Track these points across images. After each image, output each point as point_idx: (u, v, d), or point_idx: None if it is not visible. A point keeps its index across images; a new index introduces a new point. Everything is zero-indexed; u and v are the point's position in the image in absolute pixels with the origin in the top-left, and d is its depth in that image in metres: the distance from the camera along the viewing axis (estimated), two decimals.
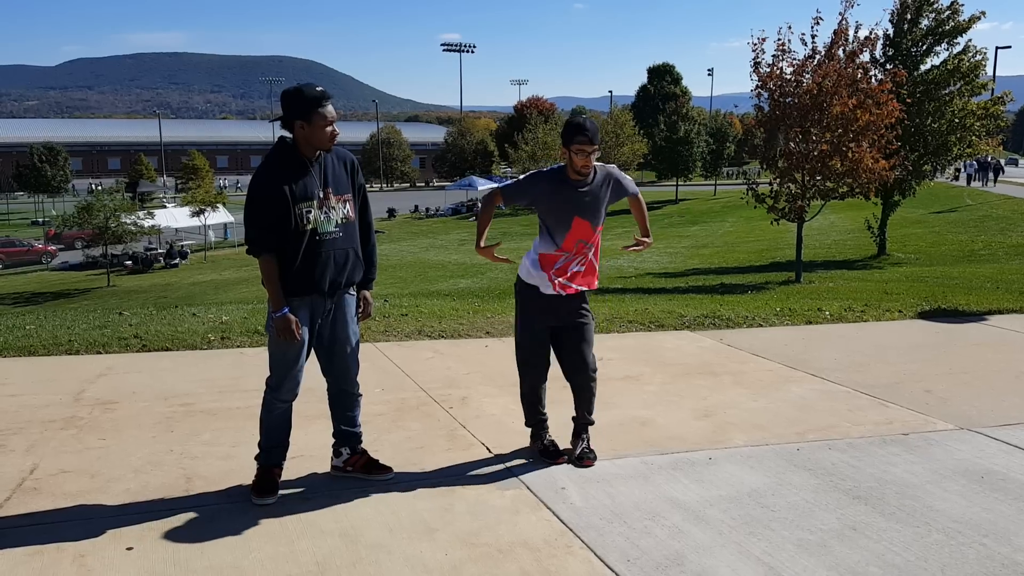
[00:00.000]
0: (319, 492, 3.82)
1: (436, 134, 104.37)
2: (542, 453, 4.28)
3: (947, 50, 20.55)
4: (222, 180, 71.60)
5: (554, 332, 4.23)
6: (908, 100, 17.66)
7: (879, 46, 18.38)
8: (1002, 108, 21.30)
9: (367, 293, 4.01)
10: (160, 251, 39.29)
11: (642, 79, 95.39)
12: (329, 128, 3.61)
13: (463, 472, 4.10)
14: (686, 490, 3.91)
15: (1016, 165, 69.67)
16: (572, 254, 4.10)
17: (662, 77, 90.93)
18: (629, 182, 4.30)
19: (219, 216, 43.21)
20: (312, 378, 3.90)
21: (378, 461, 4.03)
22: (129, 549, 3.25)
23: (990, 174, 44.66)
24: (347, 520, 3.54)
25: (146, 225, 35.04)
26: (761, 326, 8.03)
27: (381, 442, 4.43)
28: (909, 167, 19.01)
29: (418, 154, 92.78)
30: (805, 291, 12.55)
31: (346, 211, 3.75)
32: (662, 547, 3.34)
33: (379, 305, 8.55)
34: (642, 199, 4.43)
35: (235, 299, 18.59)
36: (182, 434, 4.57)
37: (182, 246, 39.97)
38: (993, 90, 21.52)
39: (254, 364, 5.88)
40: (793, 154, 14.76)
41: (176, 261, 37.84)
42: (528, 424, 4.38)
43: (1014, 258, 20.20)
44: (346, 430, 4.00)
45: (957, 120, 20.00)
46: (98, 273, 35.01)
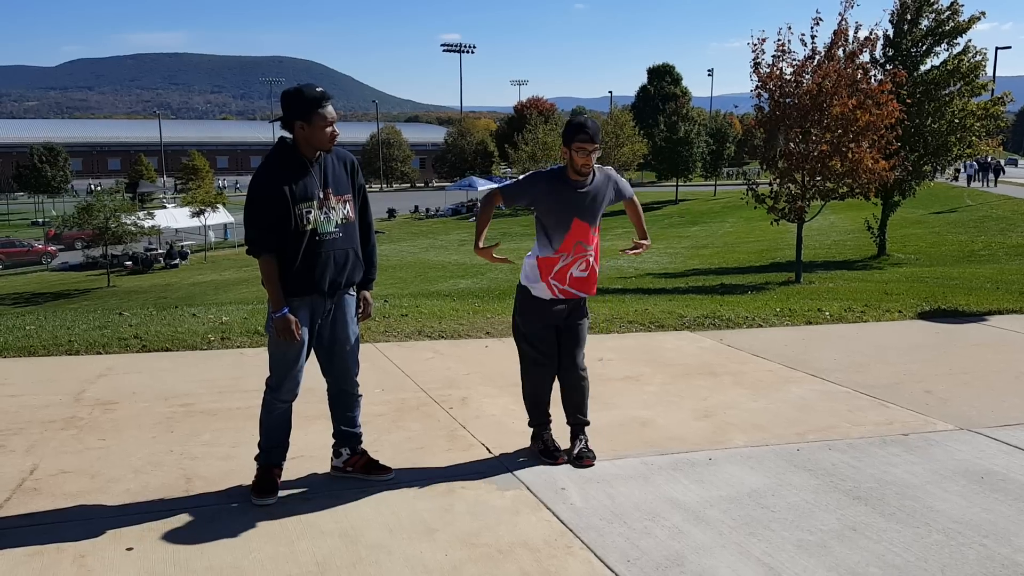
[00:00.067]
0: (319, 492, 3.82)
1: (436, 134, 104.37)
2: (542, 453, 4.28)
3: (947, 50, 20.55)
4: (222, 180, 71.59)
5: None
6: (908, 100, 17.65)
7: (879, 46, 18.36)
8: (1002, 108, 21.29)
9: (367, 293, 4.01)
10: (160, 251, 39.30)
11: (642, 79, 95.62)
12: (329, 129, 3.61)
13: (463, 472, 4.10)
14: (686, 490, 3.91)
15: (1016, 165, 69.63)
16: (570, 256, 4.10)
17: (662, 77, 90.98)
18: (625, 184, 4.32)
19: (219, 216, 43.24)
20: (312, 378, 3.90)
21: (378, 461, 4.03)
22: (129, 549, 3.25)
23: (990, 175, 44.63)
24: (347, 520, 3.54)
25: (146, 225, 35.07)
26: (761, 326, 8.03)
27: (381, 442, 4.43)
28: (909, 167, 19.00)
29: (418, 154, 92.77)
30: (805, 291, 12.55)
31: (346, 211, 3.75)
32: (662, 547, 3.34)
33: (379, 305, 8.56)
34: (638, 201, 4.44)
35: (235, 299, 18.60)
36: (182, 434, 4.57)
37: (182, 246, 39.98)
38: (993, 90, 21.52)
39: (254, 364, 5.88)
40: (793, 154, 14.76)
41: (176, 261, 37.84)
42: (532, 424, 4.37)
43: (1014, 258, 20.18)
44: (346, 430, 4.01)
45: (957, 120, 19.99)
46: (98, 273, 35.01)
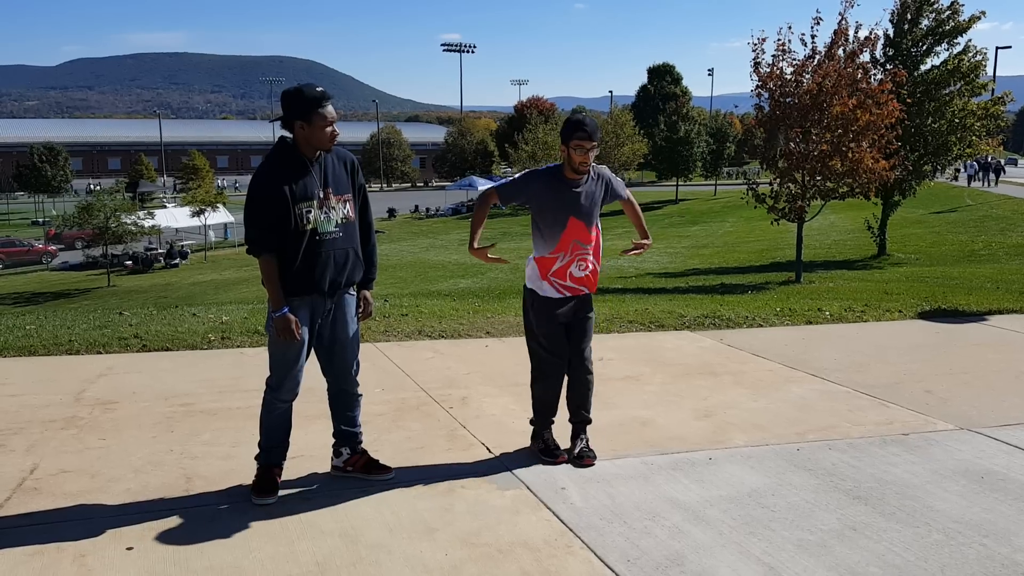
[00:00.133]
0: (319, 492, 3.83)
1: (436, 134, 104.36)
2: (542, 452, 4.28)
3: (947, 50, 20.52)
4: (222, 180, 71.58)
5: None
6: (908, 100, 17.64)
7: (879, 46, 18.35)
8: (1002, 108, 21.27)
9: (367, 293, 4.01)
10: (160, 251, 39.30)
11: (642, 79, 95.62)
12: (329, 128, 3.61)
13: (463, 472, 4.10)
14: (686, 490, 3.91)
15: (1016, 165, 69.62)
16: (567, 255, 4.09)
17: (662, 77, 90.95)
18: (620, 185, 4.30)
19: (219, 216, 43.23)
20: (312, 378, 3.90)
21: (378, 461, 4.03)
22: (129, 549, 3.25)
23: (991, 174, 44.62)
24: (347, 520, 3.54)
25: (146, 225, 35.09)
26: (761, 326, 8.03)
27: (381, 442, 4.43)
28: (909, 167, 18.99)
29: (418, 154, 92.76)
30: (805, 291, 12.54)
31: (346, 211, 3.75)
32: (662, 547, 3.34)
33: (379, 305, 8.55)
34: (635, 201, 4.43)
35: (235, 299, 18.59)
36: (182, 434, 4.57)
37: (182, 246, 39.97)
38: (993, 90, 21.51)
39: (254, 364, 5.88)
40: (793, 154, 14.75)
41: (176, 261, 37.85)
42: (536, 423, 4.35)
43: (1014, 258, 20.18)
44: (346, 430, 4.01)
45: (957, 120, 19.98)
46: (98, 273, 35.02)
